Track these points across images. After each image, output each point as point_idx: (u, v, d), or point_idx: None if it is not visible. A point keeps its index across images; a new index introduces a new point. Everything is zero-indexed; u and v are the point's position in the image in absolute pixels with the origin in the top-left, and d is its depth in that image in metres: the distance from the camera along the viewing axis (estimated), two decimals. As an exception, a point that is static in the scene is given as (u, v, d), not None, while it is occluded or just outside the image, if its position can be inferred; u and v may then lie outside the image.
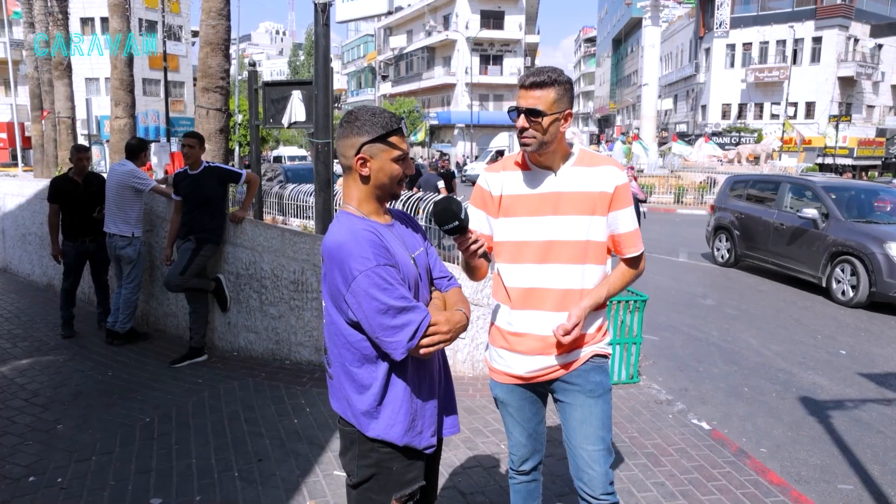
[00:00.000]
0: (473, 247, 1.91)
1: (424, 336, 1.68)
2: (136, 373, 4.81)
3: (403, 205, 8.25)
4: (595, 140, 50.94)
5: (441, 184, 10.64)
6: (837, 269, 8.24)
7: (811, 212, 8.74)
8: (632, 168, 8.58)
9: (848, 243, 8.14)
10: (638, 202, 9.93)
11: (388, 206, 1.91)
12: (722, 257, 10.78)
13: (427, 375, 1.84)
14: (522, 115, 2.03)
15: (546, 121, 2.01)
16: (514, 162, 2.19)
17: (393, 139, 1.76)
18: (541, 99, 2.00)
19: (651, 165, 25.87)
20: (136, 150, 5.42)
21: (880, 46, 42.34)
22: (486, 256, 1.98)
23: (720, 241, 10.90)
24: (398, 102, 45.73)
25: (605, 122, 72.76)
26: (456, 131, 47.70)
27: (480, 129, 43.20)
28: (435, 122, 47.84)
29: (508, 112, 2.11)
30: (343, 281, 1.67)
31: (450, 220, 1.84)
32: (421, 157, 41.22)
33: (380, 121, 1.74)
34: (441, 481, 3.27)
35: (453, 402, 2.01)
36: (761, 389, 5.08)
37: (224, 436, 3.78)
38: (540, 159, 2.12)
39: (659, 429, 4.07)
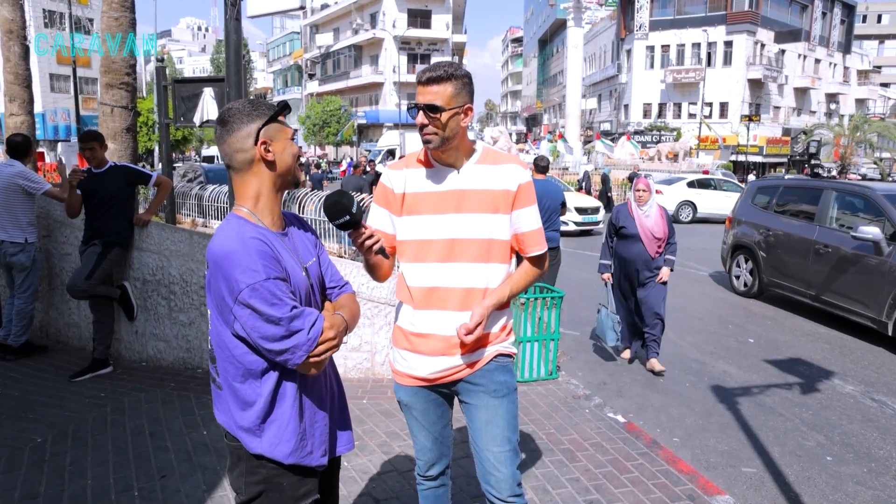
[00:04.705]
0: (368, 242, 1.83)
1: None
2: (30, 389, 4.46)
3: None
4: (522, 139, 51.84)
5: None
6: None
7: (871, 231, 6.38)
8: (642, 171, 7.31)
9: None
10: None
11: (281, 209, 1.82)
12: (742, 284, 8.60)
13: (316, 391, 1.76)
14: (421, 112, 1.97)
15: (445, 116, 1.96)
16: (416, 159, 2.14)
17: (281, 118, 1.75)
18: (438, 94, 1.95)
19: (575, 163, 26.53)
20: (23, 147, 5.01)
21: (783, 52, 45.19)
22: (384, 253, 1.90)
23: (740, 264, 8.71)
24: (325, 101, 44.98)
25: (532, 121, 74.23)
26: (384, 130, 47.38)
27: (409, 128, 43.08)
28: (363, 122, 47.40)
29: (408, 109, 2.05)
30: (229, 293, 1.57)
31: (340, 214, 1.74)
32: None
33: (262, 104, 1.72)
34: (356, 488, 3.19)
35: (347, 418, 1.93)
36: (676, 380, 5.25)
37: (125, 452, 3.54)
38: (442, 156, 2.07)
39: (576, 424, 4.12)
